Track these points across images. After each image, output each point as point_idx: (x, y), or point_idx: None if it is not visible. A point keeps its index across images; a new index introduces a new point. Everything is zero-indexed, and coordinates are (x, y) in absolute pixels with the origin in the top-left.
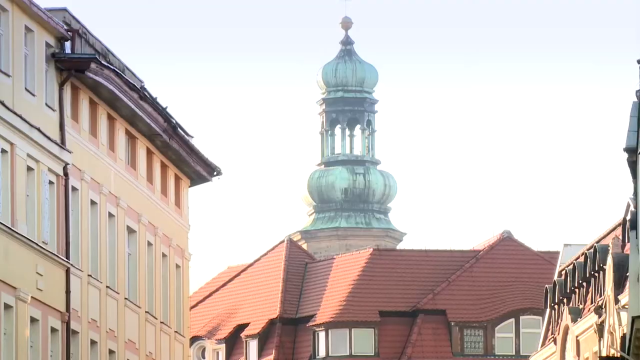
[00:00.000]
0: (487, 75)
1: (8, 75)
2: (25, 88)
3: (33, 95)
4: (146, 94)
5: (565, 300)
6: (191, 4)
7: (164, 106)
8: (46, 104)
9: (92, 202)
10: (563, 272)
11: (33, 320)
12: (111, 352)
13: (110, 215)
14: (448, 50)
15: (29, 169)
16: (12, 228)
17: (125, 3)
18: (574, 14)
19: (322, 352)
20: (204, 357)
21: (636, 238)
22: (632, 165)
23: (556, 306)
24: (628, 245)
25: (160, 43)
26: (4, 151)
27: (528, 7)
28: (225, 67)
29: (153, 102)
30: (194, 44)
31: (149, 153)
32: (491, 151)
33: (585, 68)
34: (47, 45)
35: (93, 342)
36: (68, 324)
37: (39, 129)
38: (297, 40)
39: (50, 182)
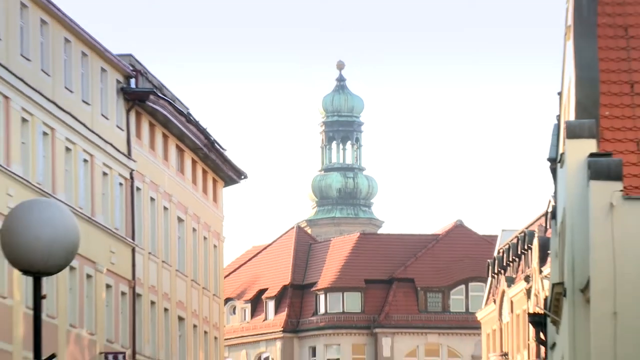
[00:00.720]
0: (443, 87)
1: (88, 104)
2: (101, 114)
3: (107, 119)
4: (191, 118)
5: (502, 271)
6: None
7: (205, 127)
8: (117, 126)
9: (152, 199)
10: (501, 250)
11: (108, 286)
12: (166, 310)
13: (165, 208)
14: (418, 86)
15: (104, 174)
16: (92, 218)
17: (173, 47)
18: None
19: (322, 310)
20: (234, 314)
21: (555, 225)
22: (553, 171)
23: (496, 275)
24: (549, 231)
25: (204, 74)
26: (85, 160)
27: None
28: (254, 97)
29: (196, 124)
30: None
31: (194, 162)
32: (448, 159)
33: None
34: (117, 81)
35: (152, 303)
36: (134, 289)
37: (111, 144)
38: (304, 79)
39: (120, 184)
